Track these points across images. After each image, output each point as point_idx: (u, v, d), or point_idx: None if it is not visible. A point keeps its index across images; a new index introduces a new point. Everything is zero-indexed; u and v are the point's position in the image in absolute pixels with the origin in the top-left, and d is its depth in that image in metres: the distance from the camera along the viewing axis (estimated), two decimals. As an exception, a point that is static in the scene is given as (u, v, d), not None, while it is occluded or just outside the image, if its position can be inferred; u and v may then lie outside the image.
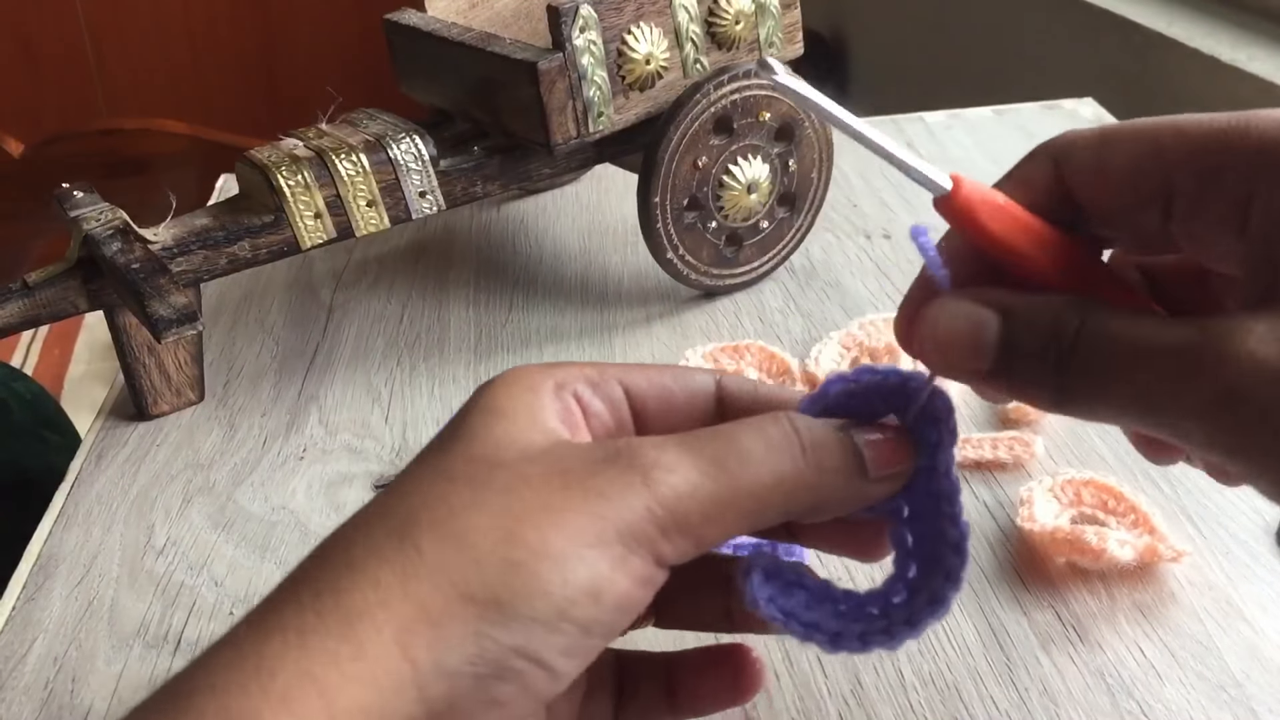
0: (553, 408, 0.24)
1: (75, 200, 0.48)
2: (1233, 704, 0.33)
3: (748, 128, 0.52)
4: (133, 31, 2.07)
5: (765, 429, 0.23)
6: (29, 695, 0.35)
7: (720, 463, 0.22)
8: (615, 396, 0.25)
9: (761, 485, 0.23)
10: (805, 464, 0.23)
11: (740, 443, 0.23)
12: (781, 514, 0.23)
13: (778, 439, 0.23)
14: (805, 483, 0.23)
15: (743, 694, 0.28)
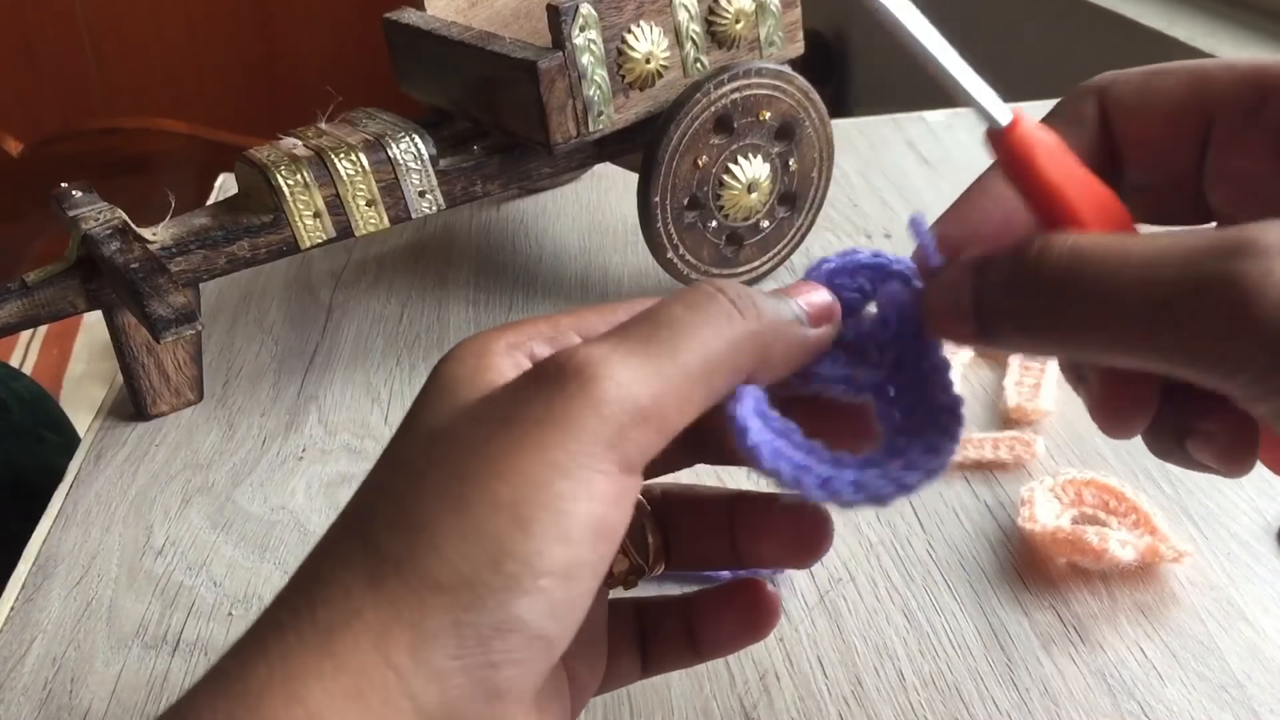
0: (503, 370, 0.22)
1: (74, 200, 0.48)
2: (1234, 704, 0.33)
3: (748, 127, 0.51)
4: (132, 31, 2.07)
5: (686, 295, 0.22)
6: (28, 696, 0.35)
7: (654, 338, 0.21)
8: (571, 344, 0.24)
9: (703, 345, 0.21)
10: (741, 314, 0.22)
11: (667, 312, 0.22)
12: (732, 371, 0.22)
13: (704, 299, 0.22)
14: (746, 331, 0.22)
15: (759, 629, 0.27)
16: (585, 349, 0.21)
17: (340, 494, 0.44)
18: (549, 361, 0.21)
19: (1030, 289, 0.21)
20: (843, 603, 0.37)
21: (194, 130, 2.15)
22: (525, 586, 0.19)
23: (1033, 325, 0.21)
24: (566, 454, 0.20)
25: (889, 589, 0.37)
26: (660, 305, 0.22)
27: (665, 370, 0.21)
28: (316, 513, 0.43)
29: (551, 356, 0.21)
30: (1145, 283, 0.19)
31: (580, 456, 0.20)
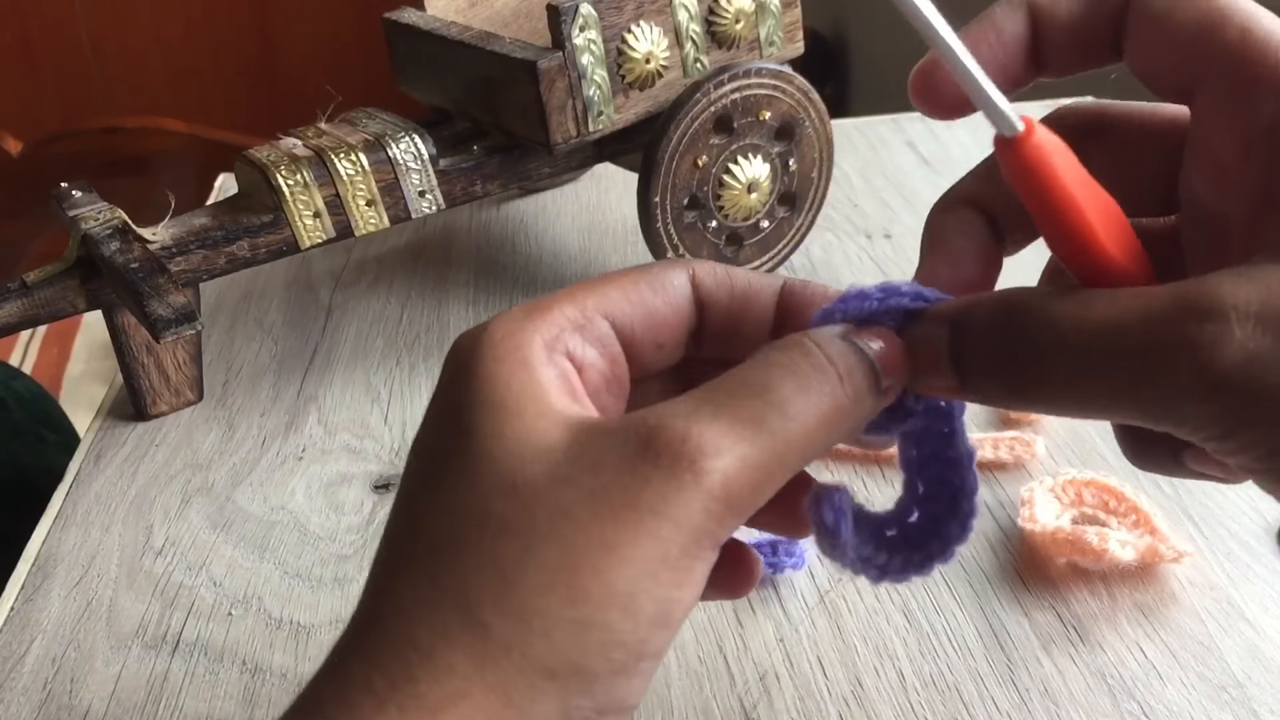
0: (552, 380, 0.22)
1: (74, 200, 0.48)
2: (1234, 705, 0.33)
3: (748, 127, 0.51)
4: (132, 30, 2.07)
5: (798, 367, 0.21)
6: (27, 696, 0.35)
7: (762, 423, 0.20)
8: (603, 334, 0.23)
9: (807, 434, 0.21)
10: (844, 395, 0.22)
11: (778, 393, 0.21)
12: (821, 454, 0.22)
13: (813, 377, 0.21)
14: (844, 415, 0.22)
15: (739, 588, 0.26)
16: (696, 428, 0.20)
17: (340, 494, 0.44)
18: (656, 437, 0.20)
19: (1003, 354, 0.21)
20: (843, 603, 0.37)
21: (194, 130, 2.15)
22: (630, 672, 0.20)
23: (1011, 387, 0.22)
24: (678, 548, 0.20)
25: (889, 589, 0.37)
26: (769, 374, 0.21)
27: (771, 463, 0.21)
28: (316, 513, 0.43)
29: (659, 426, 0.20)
30: (1109, 348, 0.20)
31: (689, 549, 0.20)
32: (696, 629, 0.36)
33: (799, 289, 0.25)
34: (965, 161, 0.68)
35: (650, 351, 0.24)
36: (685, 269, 0.24)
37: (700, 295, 0.25)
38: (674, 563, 0.20)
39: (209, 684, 0.35)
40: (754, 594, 0.37)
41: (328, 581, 0.39)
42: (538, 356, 0.22)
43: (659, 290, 0.24)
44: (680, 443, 0.20)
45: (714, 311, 0.25)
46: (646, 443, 0.20)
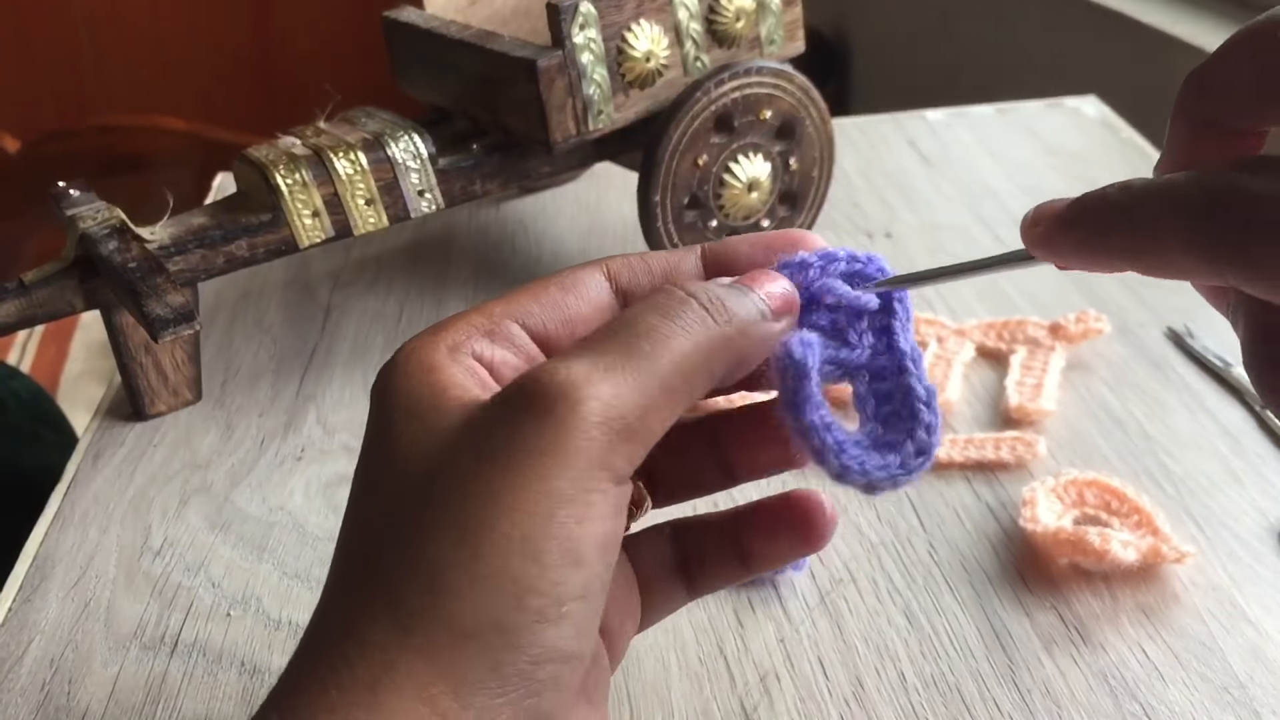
0: (453, 376, 0.22)
1: (72, 199, 0.48)
2: (1236, 706, 0.32)
3: (748, 126, 0.51)
4: (130, 28, 2.06)
5: (659, 302, 0.22)
6: (25, 697, 0.35)
7: (631, 351, 0.21)
8: (515, 337, 0.24)
9: (681, 355, 0.22)
10: (714, 319, 0.22)
11: (642, 323, 0.22)
12: (709, 378, 0.23)
13: (678, 306, 0.22)
14: (719, 335, 0.22)
15: (815, 543, 0.26)
16: (565, 368, 0.21)
17: (339, 494, 0.44)
18: (529, 384, 0.21)
19: None
20: (844, 604, 0.37)
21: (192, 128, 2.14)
22: (551, 616, 0.20)
23: None
24: (566, 481, 0.20)
25: (890, 590, 0.37)
26: (634, 314, 0.22)
27: (646, 384, 0.21)
28: (315, 513, 0.43)
29: (530, 378, 0.21)
30: None
31: (579, 481, 0.20)
32: (697, 630, 0.36)
33: (718, 251, 0.25)
34: (966, 161, 0.68)
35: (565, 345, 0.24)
36: (598, 268, 0.25)
37: (621, 287, 0.25)
38: (567, 498, 0.20)
39: (207, 685, 0.35)
40: (754, 595, 0.37)
41: (327, 582, 0.39)
42: (441, 362, 0.22)
43: (570, 290, 0.24)
44: (552, 383, 0.21)
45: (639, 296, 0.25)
46: (521, 391, 0.21)
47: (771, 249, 0.25)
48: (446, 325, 0.23)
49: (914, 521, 0.40)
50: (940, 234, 0.60)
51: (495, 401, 0.21)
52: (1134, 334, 0.50)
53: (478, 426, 0.21)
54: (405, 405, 0.22)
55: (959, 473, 0.42)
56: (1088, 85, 0.78)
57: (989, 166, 0.66)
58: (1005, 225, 0.60)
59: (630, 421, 0.21)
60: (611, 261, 0.25)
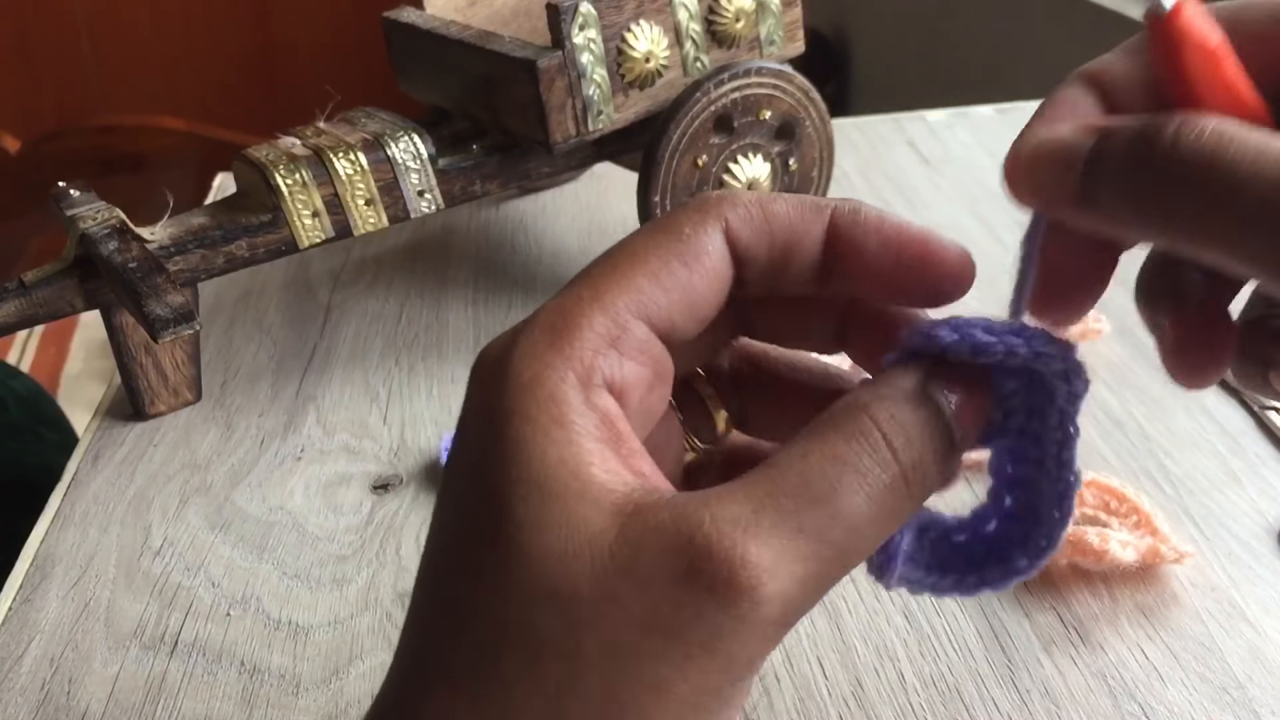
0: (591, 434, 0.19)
1: (72, 199, 0.48)
2: (1235, 706, 0.32)
3: (748, 126, 0.51)
4: (130, 27, 2.06)
5: (862, 466, 0.19)
6: (25, 697, 0.35)
7: (825, 538, 0.19)
8: (641, 339, 0.21)
9: (867, 542, 0.19)
10: (910, 496, 0.20)
11: (844, 502, 0.19)
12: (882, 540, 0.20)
13: (879, 479, 0.19)
14: (909, 505, 0.20)
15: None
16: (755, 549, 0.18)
17: (338, 494, 0.44)
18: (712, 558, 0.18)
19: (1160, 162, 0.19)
20: (843, 603, 0.37)
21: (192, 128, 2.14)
22: None
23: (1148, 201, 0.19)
24: (729, 680, 0.19)
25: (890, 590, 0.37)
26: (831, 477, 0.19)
27: (830, 576, 0.19)
28: (315, 513, 0.43)
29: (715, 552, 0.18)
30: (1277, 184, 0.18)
31: (743, 675, 0.19)
32: (696, 630, 0.36)
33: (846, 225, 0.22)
34: (966, 161, 0.68)
35: (690, 330, 0.22)
36: (719, 223, 0.21)
37: (739, 251, 0.22)
38: (722, 694, 0.19)
39: (207, 684, 0.35)
40: (754, 595, 0.37)
41: (326, 582, 0.39)
42: (574, 407, 0.20)
43: (695, 264, 0.21)
44: (737, 566, 0.18)
45: (754, 267, 0.22)
46: (700, 563, 0.18)
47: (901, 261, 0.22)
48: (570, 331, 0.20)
49: (913, 522, 0.40)
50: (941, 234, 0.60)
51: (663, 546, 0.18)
52: (1133, 334, 0.50)
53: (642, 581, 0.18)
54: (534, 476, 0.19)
55: (959, 472, 0.42)
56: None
57: (989, 167, 0.66)
58: (1006, 226, 0.60)
59: (800, 615, 0.19)
60: (732, 213, 0.22)
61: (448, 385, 0.50)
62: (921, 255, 0.22)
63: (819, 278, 0.22)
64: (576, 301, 0.21)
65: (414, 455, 0.46)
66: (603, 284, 0.21)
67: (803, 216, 0.22)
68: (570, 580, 0.18)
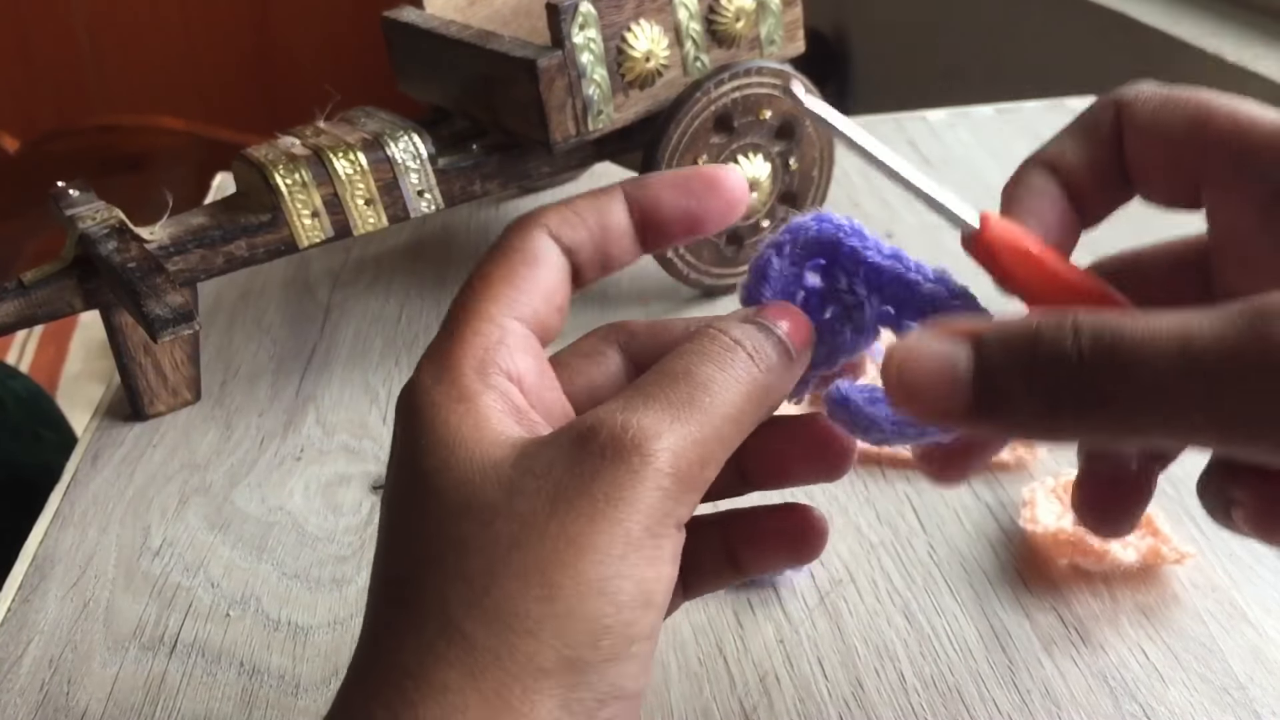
0: (490, 404, 0.23)
1: (71, 199, 0.48)
2: (1236, 707, 0.32)
3: (748, 126, 0.51)
4: (129, 27, 2.06)
5: (709, 351, 0.23)
6: (24, 697, 0.35)
7: (693, 403, 0.22)
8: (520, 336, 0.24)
9: (734, 408, 0.23)
10: (758, 370, 0.23)
11: (699, 374, 0.23)
12: (754, 424, 0.24)
13: (726, 357, 0.23)
14: (762, 386, 0.23)
15: (808, 554, 0.27)
16: (635, 419, 0.21)
17: (338, 495, 0.44)
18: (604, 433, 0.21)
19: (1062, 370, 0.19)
20: (843, 604, 0.37)
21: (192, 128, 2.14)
22: (621, 655, 0.21)
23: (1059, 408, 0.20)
24: (640, 528, 0.21)
25: (890, 590, 0.37)
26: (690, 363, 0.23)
27: (707, 435, 0.22)
28: (314, 513, 0.43)
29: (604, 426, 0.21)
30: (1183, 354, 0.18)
31: (652, 527, 0.21)
32: (696, 630, 0.36)
33: (638, 192, 0.26)
34: (966, 161, 0.68)
35: (555, 319, 0.25)
36: (542, 230, 0.25)
37: (565, 245, 0.25)
38: (639, 543, 0.21)
39: (206, 685, 0.35)
40: (754, 595, 0.37)
41: (326, 582, 0.39)
42: (473, 388, 0.23)
43: (536, 264, 0.25)
44: (622, 432, 0.21)
45: (582, 253, 0.26)
46: (589, 438, 0.21)
47: (691, 191, 0.26)
48: (459, 340, 0.23)
49: (914, 522, 0.40)
50: (940, 234, 0.60)
51: (557, 443, 0.22)
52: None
53: (543, 469, 0.21)
54: (444, 436, 0.22)
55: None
56: (1088, 85, 0.78)
57: (990, 167, 0.66)
58: (1005, 225, 0.60)
59: (694, 471, 0.22)
60: (549, 219, 0.25)
61: (447, 385, 0.50)
62: (706, 180, 0.26)
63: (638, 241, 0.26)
64: (457, 321, 0.24)
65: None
66: (473, 303, 0.24)
67: (602, 201, 0.26)
68: (480, 496, 0.21)
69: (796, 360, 0.24)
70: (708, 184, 0.26)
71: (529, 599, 0.20)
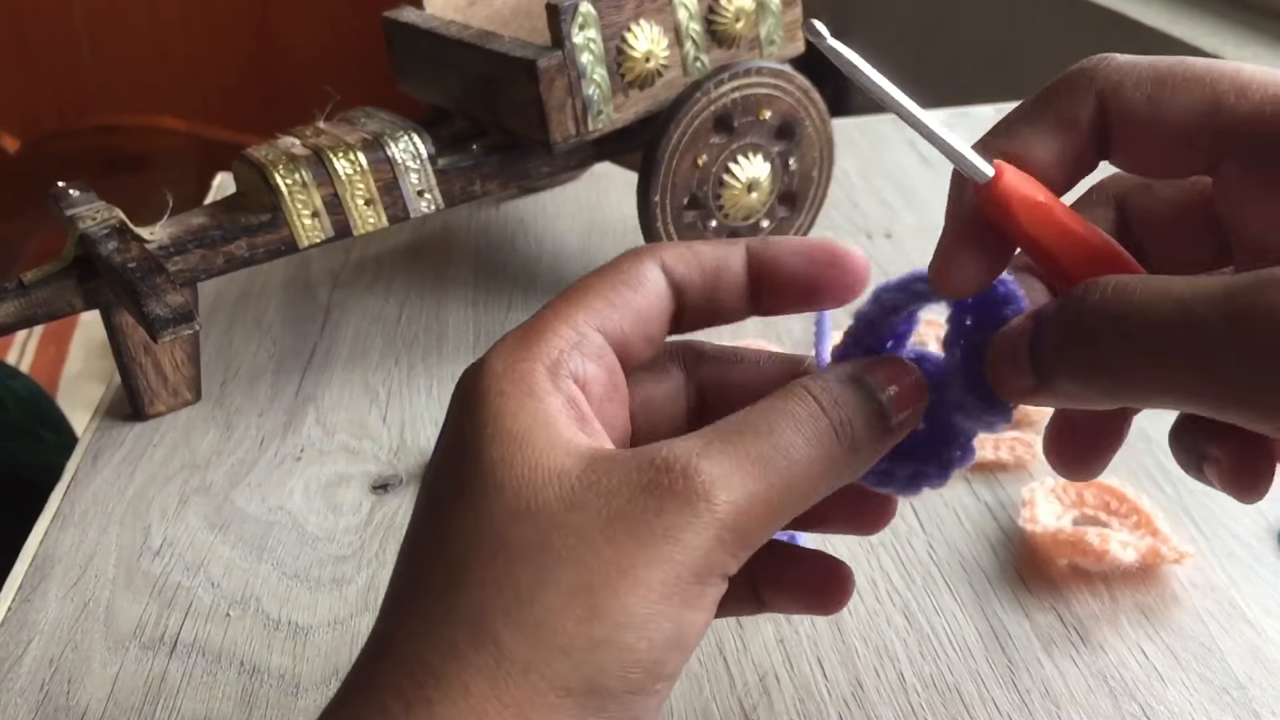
0: (559, 407, 0.22)
1: (71, 199, 0.48)
2: (1235, 706, 0.32)
3: (748, 126, 0.51)
4: (130, 27, 2.06)
5: (797, 414, 0.23)
6: (24, 697, 0.35)
7: (768, 464, 0.22)
8: (599, 346, 0.24)
9: (809, 481, 0.22)
10: (841, 446, 0.23)
11: (781, 437, 0.22)
12: (823, 495, 0.23)
13: (812, 425, 0.23)
14: (844, 463, 0.23)
15: (830, 609, 0.27)
16: (709, 464, 0.21)
17: (338, 495, 0.44)
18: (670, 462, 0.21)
19: (1077, 331, 0.21)
20: (843, 604, 0.37)
21: (192, 128, 2.14)
22: (646, 690, 0.21)
23: (1082, 369, 0.21)
24: (690, 572, 0.21)
25: (889, 590, 0.37)
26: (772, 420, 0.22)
27: (773, 500, 0.22)
28: (314, 513, 0.43)
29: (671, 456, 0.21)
30: (1186, 316, 0.19)
31: (701, 574, 0.21)
32: (696, 630, 0.36)
33: (760, 250, 0.26)
34: (965, 161, 0.67)
35: (641, 347, 0.25)
36: (655, 260, 0.25)
37: (675, 281, 0.25)
38: (686, 587, 0.21)
39: (206, 685, 0.35)
40: (754, 595, 0.37)
41: (326, 582, 0.39)
42: (543, 386, 0.23)
43: (638, 288, 0.25)
44: (694, 475, 0.21)
45: (690, 294, 0.26)
46: (661, 472, 0.21)
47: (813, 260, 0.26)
48: (538, 335, 0.23)
49: (913, 522, 0.40)
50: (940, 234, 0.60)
51: (627, 467, 0.21)
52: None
53: (608, 490, 0.21)
54: (512, 429, 0.22)
55: (959, 473, 0.42)
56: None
57: (989, 167, 0.66)
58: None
59: (754, 529, 0.22)
60: (665, 253, 0.25)
61: (447, 385, 0.50)
62: (829, 254, 0.26)
63: (749, 299, 0.26)
64: (541, 319, 0.24)
65: (414, 455, 0.46)
66: (562, 306, 0.24)
67: (724, 250, 0.26)
68: (540, 500, 0.21)
69: (895, 430, 0.24)
70: (831, 257, 0.25)
71: (570, 618, 0.20)
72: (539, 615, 0.20)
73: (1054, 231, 0.23)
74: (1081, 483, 0.40)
